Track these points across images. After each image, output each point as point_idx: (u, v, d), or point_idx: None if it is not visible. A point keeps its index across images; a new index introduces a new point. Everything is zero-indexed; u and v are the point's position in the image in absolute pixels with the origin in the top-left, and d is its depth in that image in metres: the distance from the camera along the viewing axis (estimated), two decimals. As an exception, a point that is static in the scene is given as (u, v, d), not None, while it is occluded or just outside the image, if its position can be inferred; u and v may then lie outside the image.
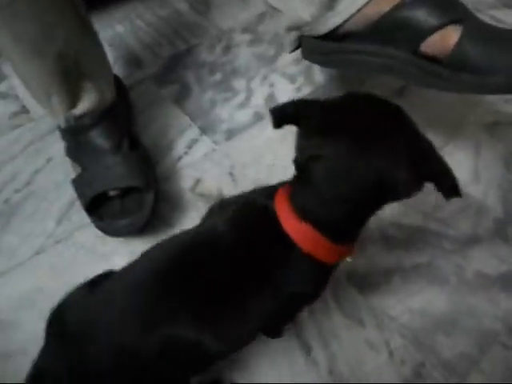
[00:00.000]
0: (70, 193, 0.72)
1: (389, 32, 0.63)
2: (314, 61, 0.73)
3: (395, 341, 0.61)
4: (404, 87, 0.86)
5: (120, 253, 0.68)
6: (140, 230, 0.67)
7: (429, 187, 0.68)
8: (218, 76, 0.89)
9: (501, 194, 0.75)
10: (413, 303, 0.65)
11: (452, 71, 0.62)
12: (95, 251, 0.69)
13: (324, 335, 0.61)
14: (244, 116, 0.83)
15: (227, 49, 0.94)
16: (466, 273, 0.67)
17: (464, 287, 0.66)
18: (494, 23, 0.86)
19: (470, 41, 0.60)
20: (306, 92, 0.86)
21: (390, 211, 0.72)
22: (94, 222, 0.68)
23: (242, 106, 0.84)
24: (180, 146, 0.80)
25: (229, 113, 0.83)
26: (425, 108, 0.80)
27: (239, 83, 0.87)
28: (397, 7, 0.62)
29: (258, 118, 0.83)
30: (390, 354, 0.60)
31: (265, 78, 0.89)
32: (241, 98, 0.85)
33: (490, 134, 0.82)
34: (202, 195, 0.74)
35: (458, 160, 0.78)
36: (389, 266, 0.67)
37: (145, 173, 0.69)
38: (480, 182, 0.76)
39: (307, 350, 0.60)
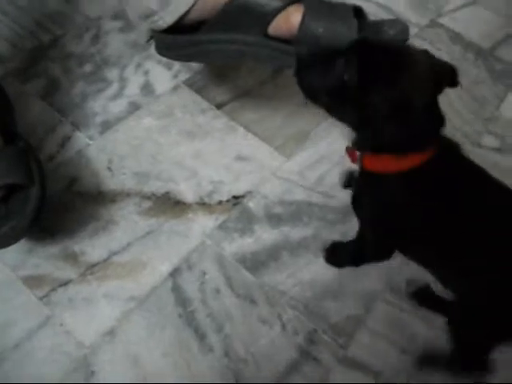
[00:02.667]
0: None
1: (235, 18, 0.65)
2: (167, 56, 0.74)
3: (287, 313, 0.63)
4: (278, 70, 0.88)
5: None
6: (25, 232, 0.60)
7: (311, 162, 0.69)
8: (87, 67, 0.84)
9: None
10: (302, 276, 0.67)
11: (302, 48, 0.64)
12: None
13: (217, 319, 0.61)
14: (119, 107, 0.79)
15: (96, 38, 0.88)
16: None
17: (348, 253, 0.70)
18: (360, 2, 0.91)
19: (312, 18, 0.64)
20: (183, 78, 0.84)
21: (274, 190, 0.74)
22: None
23: (116, 96, 0.80)
24: (51, 145, 0.74)
25: (102, 105, 0.79)
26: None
27: (111, 73, 0.83)
28: None
29: (134, 107, 0.79)
30: (283, 326, 0.62)
31: (139, 65, 0.85)
32: (114, 88, 0.81)
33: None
34: (79, 194, 0.70)
35: (335, 137, 0.81)
36: (277, 243, 0.69)
37: (25, 167, 0.62)
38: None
39: (201, 337, 0.60)
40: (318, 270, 0.68)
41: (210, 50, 0.69)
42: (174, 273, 0.64)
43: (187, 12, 0.66)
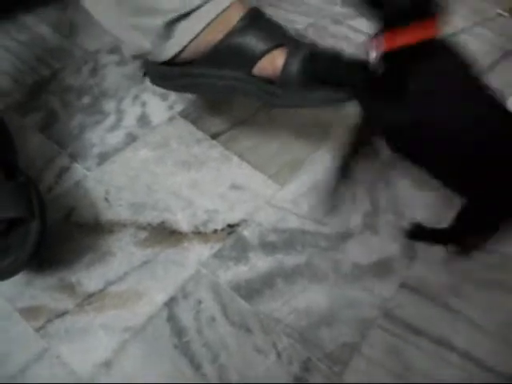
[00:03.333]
0: None
1: (225, 57, 0.69)
2: (161, 86, 0.76)
3: (282, 342, 0.63)
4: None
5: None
6: (24, 266, 0.61)
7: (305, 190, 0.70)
8: (86, 99, 0.86)
9: (367, 187, 0.81)
10: (297, 303, 0.67)
11: (283, 90, 0.69)
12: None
13: (212, 349, 0.62)
14: (116, 138, 0.81)
15: (94, 71, 0.91)
16: (343, 266, 0.72)
17: (342, 280, 0.70)
18: (352, 33, 0.95)
19: (294, 61, 0.68)
20: (178, 109, 0.87)
21: (268, 218, 0.75)
22: None
23: (113, 128, 0.82)
24: (49, 177, 0.76)
25: (100, 136, 0.81)
26: (294, 115, 0.85)
27: (109, 105, 0.85)
28: (229, 34, 0.68)
29: (130, 139, 0.81)
30: (278, 355, 0.62)
31: (136, 97, 0.88)
32: (111, 120, 0.83)
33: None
34: (77, 225, 0.71)
35: (328, 165, 0.83)
36: (271, 270, 0.70)
37: (26, 201, 0.64)
38: (348, 181, 0.82)
39: (196, 366, 0.60)
40: (313, 297, 0.68)
41: (202, 83, 0.73)
42: (170, 302, 0.65)
43: (180, 51, 0.69)
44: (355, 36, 1.10)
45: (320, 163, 0.82)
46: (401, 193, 0.80)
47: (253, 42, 0.68)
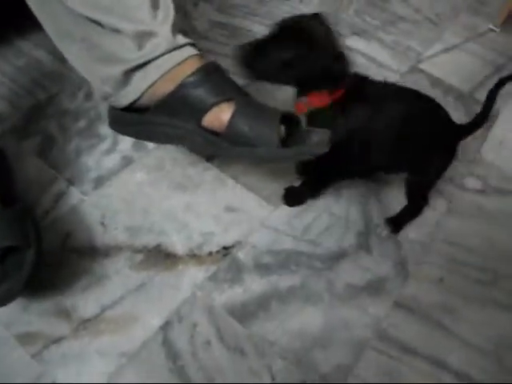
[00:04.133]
0: None
1: (176, 107, 0.73)
2: (117, 131, 0.79)
3: (276, 364, 0.64)
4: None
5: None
6: (19, 294, 0.62)
7: (298, 211, 0.71)
8: (82, 123, 0.87)
9: (361, 208, 0.82)
10: (291, 325, 0.68)
11: (228, 143, 0.72)
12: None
13: (207, 372, 0.62)
14: (112, 161, 0.82)
15: (90, 95, 0.92)
16: (337, 287, 0.73)
17: (336, 301, 0.71)
18: (346, 51, 0.96)
19: (240, 117, 0.71)
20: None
21: (262, 239, 0.76)
22: None
23: (109, 151, 0.84)
24: (46, 201, 0.77)
25: (96, 160, 0.82)
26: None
27: (105, 129, 0.86)
28: (180, 86, 0.71)
29: (126, 162, 0.82)
30: (273, 377, 0.62)
31: (131, 121, 0.89)
32: (108, 143, 0.85)
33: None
34: (73, 249, 0.72)
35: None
36: (265, 292, 0.70)
37: (22, 230, 0.65)
38: (341, 201, 0.83)
39: (192, 391, 0.60)
40: (307, 318, 0.69)
41: (154, 131, 0.76)
42: (165, 326, 0.66)
43: (137, 99, 0.73)
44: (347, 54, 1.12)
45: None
46: (393, 210, 0.81)
47: (203, 94, 0.72)
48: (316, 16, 0.69)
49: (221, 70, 0.75)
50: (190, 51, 0.74)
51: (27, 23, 0.75)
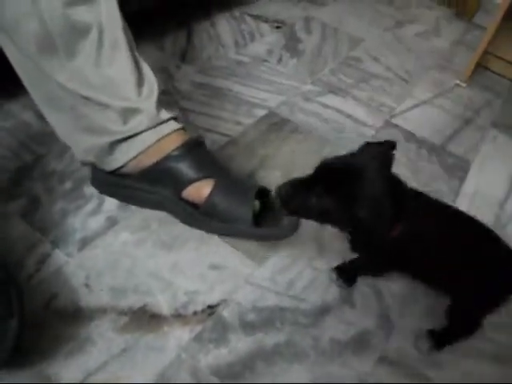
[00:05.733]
0: None
1: (158, 176, 0.78)
2: (99, 190, 0.84)
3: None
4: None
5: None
6: (3, 364, 0.61)
7: (282, 266, 0.73)
8: (68, 184, 0.89)
9: (342, 258, 0.84)
10: (278, 385, 0.68)
11: (205, 217, 0.78)
12: None
13: None
14: (96, 223, 0.83)
15: (76, 156, 0.95)
16: (322, 343, 0.73)
17: (322, 358, 0.71)
18: (321, 109, 1.00)
19: (218, 194, 0.77)
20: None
21: (247, 297, 0.77)
22: None
23: (94, 212, 0.85)
24: (30, 263, 0.76)
25: (81, 221, 0.83)
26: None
27: (90, 189, 0.88)
28: (164, 159, 0.76)
29: (111, 223, 0.83)
30: None
31: (116, 181, 0.91)
32: (93, 204, 0.86)
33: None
34: (56, 312, 0.71)
35: (303, 241, 0.86)
36: (251, 351, 0.70)
37: (5, 299, 0.64)
38: (324, 255, 0.85)
39: None
40: (294, 377, 0.69)
41: (133, 195, 0.81)
42: (150, 391, 0.65)
43: (121, 167, 0.77)
44: (324, 111, 1.18)
45: (295, 240, 0.85)
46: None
47: (184, 169, 0.76)
48: (378, 152, 0.67)
49: (204, 146, 0.81)
50: (174, 126, 0.79)
51: (15, 84, 0.77)
